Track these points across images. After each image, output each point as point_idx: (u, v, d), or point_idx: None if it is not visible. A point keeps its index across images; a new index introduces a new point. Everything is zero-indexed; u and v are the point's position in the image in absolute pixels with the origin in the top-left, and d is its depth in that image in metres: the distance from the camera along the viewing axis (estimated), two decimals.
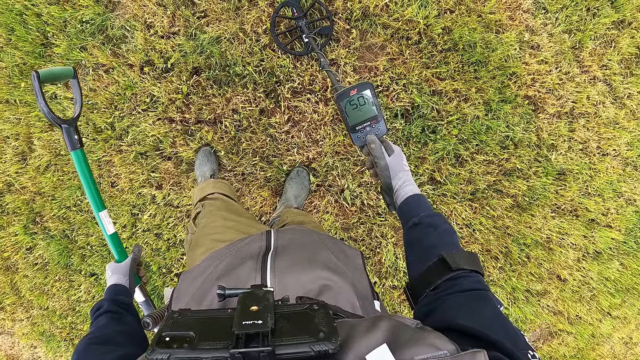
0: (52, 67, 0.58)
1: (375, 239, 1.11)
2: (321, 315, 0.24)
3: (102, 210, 0.57)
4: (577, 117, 1.14)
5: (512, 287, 1.19)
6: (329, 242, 0.47)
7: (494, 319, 0.29)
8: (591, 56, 1.12)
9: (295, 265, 0.38)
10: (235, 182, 1.09)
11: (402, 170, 0.46)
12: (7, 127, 1.24)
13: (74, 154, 0.56)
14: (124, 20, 1.08)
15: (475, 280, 0.33)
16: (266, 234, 0.45)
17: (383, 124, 0.47)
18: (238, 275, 0.38)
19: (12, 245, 1.31)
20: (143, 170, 1.10)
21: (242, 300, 0.25)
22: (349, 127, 0.48)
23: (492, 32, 1.06)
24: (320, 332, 0.22)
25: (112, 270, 0.55)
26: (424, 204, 0.43)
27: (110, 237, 0.58)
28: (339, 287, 0.37)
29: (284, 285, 0.36)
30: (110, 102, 1.10)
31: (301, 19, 0.93)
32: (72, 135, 0.56)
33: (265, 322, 0.23)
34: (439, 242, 0.38)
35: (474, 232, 1.13)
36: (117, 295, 0.50)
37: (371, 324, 0.25)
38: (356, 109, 0.47)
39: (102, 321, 0.45)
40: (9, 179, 1.26)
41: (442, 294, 0.33)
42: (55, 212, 1.21)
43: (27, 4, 1.19)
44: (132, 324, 0.47)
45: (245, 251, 0.42)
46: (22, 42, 1.20)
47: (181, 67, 1.04)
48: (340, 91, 0.47)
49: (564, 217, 1.18)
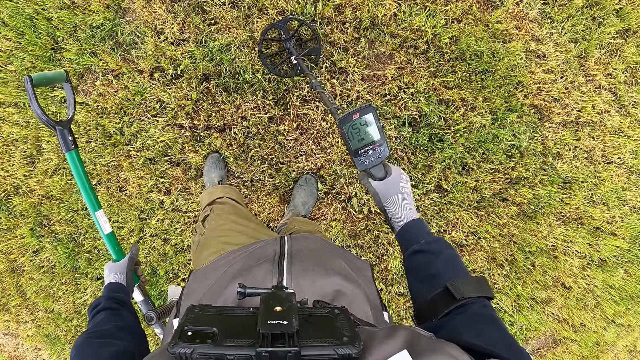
0: (45, 72, 0.59)
1: (382, 247, 1.11)
2: (342, 319, 0.25)
3: (98, 210, 0.58)
4: (583, 126, 1.15)
5: (517, 295, 1.19)
6: (341, 252, 0.47)
7: (500, 337, 0.29)
8: (596, 65, 1.13)
9: (310, 270, 0.38)
10: (243, 188, 1.09)
11: (398, 193, 0.46)
12: (16, 130, 1.25)
13: (69, 155, 0.57)
14: (134, 27, 1.09)
15: (482, 305, 0.34)
16: (280, 239, 0.46)
17: (385, 147, 0.47)
18: (254, 275, 0.38)
19: (18, 248, 1.32)
20: (152, 175, 1.10)
21: (266, 300, 0.25)
22: (352, 151, 0.47)
23: (498, 42, 1.07)
24: (343, 336, 0.23)
25: (109, 269, 0.55)
26: (423, 230, 0.43)
27: (107, 236, 0.58)
28: (353, 294, 0.37)
29: (300, 288, 0.36)
30: (119, 108, 1.11)
31: (289, 41, 0.94)
32: (66, 136, 0.56)
33: (290, 323, 0.23)
34: (442, 270, 0.38)
35: (479, 240, 1.13)
36: (115, 293, 0.50)
37: (389, 332, 0.26)
38: (358, 133, 0.46)
39: (100, 317, 0.45)
40: (16, 182, 1.27)
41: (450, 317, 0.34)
42: (62, 216, 1.22)
43: (38, 9, 1.20)
44: (130, 319, 0.47)
45: (260, 254, 0.42)
46: (32, 46, 1.21)
47: (191, 74, 1.04)
48: (342, 116, 0.47)
49: (569, 225, 1.18)
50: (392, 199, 0.45)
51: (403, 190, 0.46)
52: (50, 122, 0.55)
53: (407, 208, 0.45)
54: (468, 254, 1.14)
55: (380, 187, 0.46)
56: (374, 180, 0.47)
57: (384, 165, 0.48)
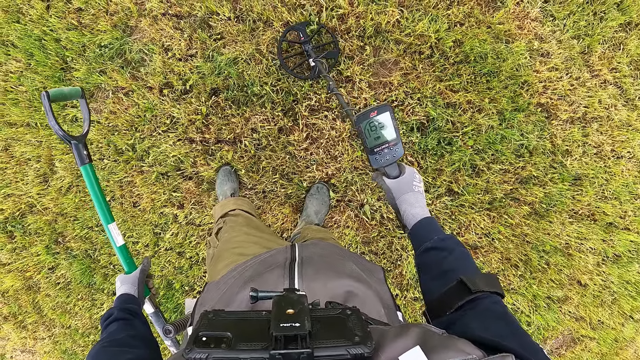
0: (61, 87, 0.61)
1: (396, 252, 1.11)
2: (354, 320, 0.25)
3: (111, 222, 0.59)
4: (590, 122, 1.14)
5: (533, 295, 1.18)
6: (352, 256, 0.48)
7: (513, 332, 0.29)
8: (600, 60, 1.13)
9: (321, 272, 0.39)
10: (256, 199, 1.10)
11: (411, 191, 0.46)
12: (29, 150, 1.27)
13: (83, 168, 0.58)
14: (142, 44, 1.11)
15: (494, 301, 0.34)
16: (290, 247, 0.46)
17: (401, 147, 0.48)
18: (266, 280, 0.38)
19: (34, 265, 1.34)
20: (165, 190, 1.12)
21: (278, 303, 0.26)
22: (368, 149, 0.48)
23: (502, 43, 1.07)
24: (355, 336, 0.23)
25: (121, 281, 0.56)
26: (435, 227, 0.43)
27: (119, 248, 0.59)
28: (365, 294, 0.37)
29: (312, 290, 0.36)
30: (130, 124, 1.12)
31: (308, 43, 0.95)
32: (81, 151, 0.58)
33: (302, 325, 0.23)
34: (455, 266, 0.38)
35: (493, 241, 1.13)
36: (127, 304, 0.51)
37: (401, 329, 0.26)
38: (375, 131, 0.47)
39: (113, 327, 0.45)
40: (31, 200, 1.29)
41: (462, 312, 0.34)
42: (77, 233, 1.24)
43: (46, 30, 1.23)
44: (143, 329, 0.48)
45: (271, 261, 0.43)
46: (42, 66, 1.24)
47: (200, 89, 1.06)
48: (360, 113, 0.48)
49: (582, 222, 1.17)
50: (405, 197, 0.46)
51: (416, 189, 0.46)
52: (66, 136, 0.57)
53: (419, 206, 0.45)
54: (482, 256, 1.13)
55: (393, 185, 0.47)
56: (387, 179, 0.48)
57: (398, 165, 0.49)
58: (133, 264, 0.60)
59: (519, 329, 0.30)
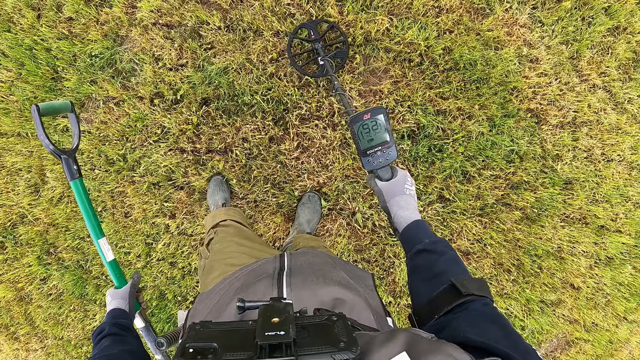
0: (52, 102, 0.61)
1: (388, 259, 1.11)
2: (340, 326, 0.25)
3: (101, 237, 0.59)
4: (580, 126, 1.16)
5: (527, 299, 1.19)
6: (341, 263, 0.48)
7: (505, 334, 0.29)
8: (589, 65, 1.15)
9: (310, 280, 0.39)
10: (247, 209, 1.10)
11: (402, 194, 0.46)
12: (20, 160, 1.26)
13: (73, 183, 0.58)
14: (133, 54, 1.11)
15: (484, 304, 0.34)
16: (279, 256, 0.46)
17: (394, 149, 0.48)
18: (255, 290, 0.39)
19: (25, 276, 1.32)
20: (156, 200, 1.11)
21: (263, 312, 0.26)
22: (360, 151, 0.48)
23: (491, 49, 1.08)
24: (340, 342, 0.23)
25: (111, 296, 0.56)
26: (426, 231, 0.43)
27: (110, 263, 0.59)
28: (353, 301, 0.37)
29: (300, 298, 0.37)
30: (121, 134, 1.12)
31: (317, 42, 0.95)
32: (71, 165, 0.58)
33: (287, 332, 0.23)
34: (446, 268, 0.38)
35: (485, 247, 1.13)
36: (118, 319, 0.51)
37: (389, 335, 0.26)
38: (368, 133, 0.47)
39: (105, 343, 0.45)
40: (22, 211, 1.28)
41: (452, 316, 0.33)
42: (69, 243, 1.23)
43: (37, 39, 1.22)
44: (135, 344, 0.48)
45: (260, 271, 0.43)
46: (33, 76, 1.23)
47: (190, 98, 1.06)
48: (353, 115, 0.48)
49: (574, 226, 1.18)
50: (396, 200, 0.45)
51: (407, 192, 0.46)
52: (56, 151, 0.57)
53: (410, 209, 0.45)
54: (474, 262, 1.14)
55: (385, 187, 0.47)
56: (379, 181, 0.48)
57: (391, 167, 0.49)
58: (123, 278, 0.60)
59: (511, 330, 0.30)
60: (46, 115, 0.59)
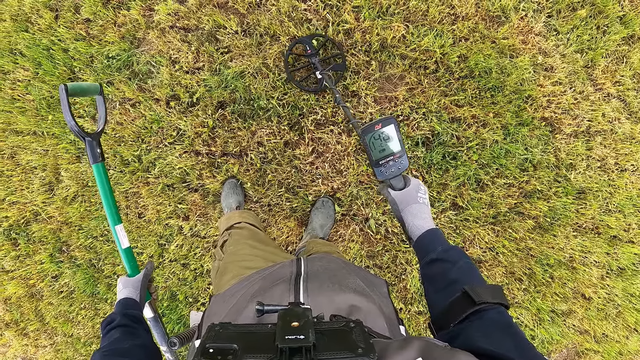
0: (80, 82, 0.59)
1: (400, 266, 1.11)
2: (358, 332, 0.25)
3: (119, 224, 0.58)
4: (594, 135, 1.15)
5: (537, 308, 1.18)
6: (356, 270, 0.48)
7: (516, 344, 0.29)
8: (604, 73, 1.14)
9: (326, 287, 0.39)
10: (261, 213, 1.10)
11: (415, 202, 0.46)
12: (35, 158, 1.27)
13: (95, 166, 0.58)
14: (150, 56, 1.12)
15: (498, 312, 0.34)
16: (296, 261, 0.47)
17: (405, 159, 0.48)
18: (272, 295, 0.39)
19: (37, 273, 1.34)
20: (170, 201, 1.12)
21: (283, 316, 0.26)
22: (373, 161, 0.49)
23: (506, 57, 1.08)
24: (358, 347, 0.23)
25: (123, 284, 0.55)
26: (440, 239, 0.43)
27: (125, 251, 0.59)
28: (368, 308, 0.38)
29: (317, 304, 0.37)
30: (137, 136, 1.13)
31: (314, 56, 0.96)
32: (94, 148, 0.58)
33: (307, 337, 0.23)
34: (459, 276, 0.38)
35: (497, 255, 1.13)
36: (129, 309, 0.50)
37: (403, 342, 0.26)
38: (380, 144, 0.48)
39: (115, 335, 0.44)
40: (35, 209, 1.30)
41: (466, 324, 0.34)
42: (82, 242, 1.24)
43: (54, 39, 1.24)
44: (146, 338, 0.47)
45: (277, 275, 0.43)
46: (49, 76, 1.25)
47: (206, 102, 1.07)
48: (364, 126, 0.49)
49: (586, 236, 1.17)
50: (409, 209, 0.46)
51: (420, 200, 0.46)
52: (81, 133, 0.56)
53: (424, 218, 0.45)
54: (486, 270, 1.13)
55: (398, 196, 0.47)
56: (393, 190, 0.48)
57: (404, 177, 0.49)
58: (137, 267, 0.60)
59: (524, 340, 0.30)
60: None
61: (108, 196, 0.58)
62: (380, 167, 0.48)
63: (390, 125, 0.48)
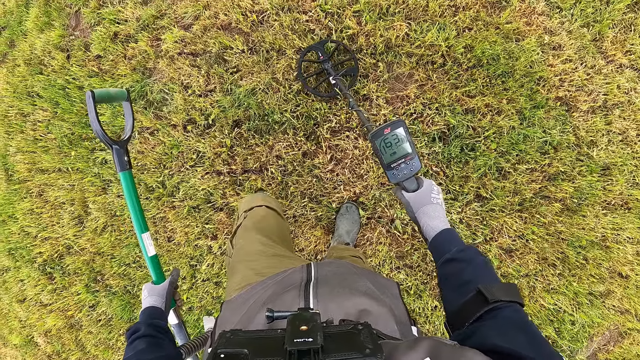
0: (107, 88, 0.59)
1: (431, 264, 1.11)
2: (366, 334, 0.26)
3: (145, 232, 0.59)
4: (612, 109, 1.12)
5: (575, 292, 1.15)
6: (366, 273, 0.48)
7: (531, 341, 0.29)
8: (613, 44, 1.12)
9: (336, 292, 0.40)
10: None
11: (429, 203, 0.46)
12: (62, 194, 1.33)
13: (122, 174, 0.57)
14: (162, 84, 1.16)
15: (514, 310, 0.34)
16: (306, 266, 0.47)
17: (417, 160, 0.48)
18: (283, 301, 0.40)
19: (75, 304, 1.38)
20: (197, 223, 1.15)
21: (292, 321, 0.27)
22: (384, 165, 0.49)
23: (512, 42, 1.07)
24: (366, 348, 0.24)
25: (149, 292, 0.55)
26: (455, 239, 0.43)
27: (151, 258, 0.59)
28: (378, 312, 0.38)
29: (326, 309, 0.37)
30: (158, 162, 1.16)
31: (327, 62, 0.97)
32: (122, 156, 0.57)
33: (315, 339, 0.24)
34: (474, 276, 0.38)
35: (527, 243, 1.11)
36: (154, 319, 0.50)
37: (412, 343, 0.27)
38: (390, 147, 0.48)
39: (140, 346, 0.44)
40: (67, 242, 1.34)
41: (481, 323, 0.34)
42: (115, 270, 1.28)
43: (68, 79, 1.29)
44: (171, 350, 0.47)
45: (288, 281, 0.44)
46: (68, 114, 1.30)
47: (222, 122, 1.09)
48: (373, 131, 0.49)
49: (616, 212, 1.15)
50: (424, 210, 0.46)
51: (434, 201, 0.46)
52: (109, 140, 0.56)
53: (438, 218, 0.45)
54: (518, 259, 1.12)
55: (412, 198, 0.47)
56: (406, 192, 0.49)
57: (416, 178, 0.50)
58: (162, 275, 0.60)
59: (538, 337, 0.30)
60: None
61: (135, 204, 0.58)
62: (392, 170, 0.49)
63: (400, 127, 0.48)
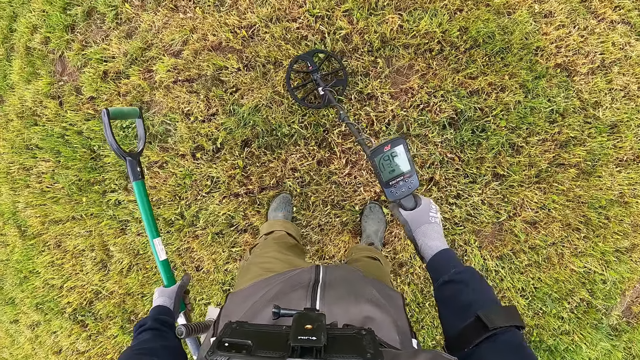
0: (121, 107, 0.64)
1: (460, 248, 1.12)
2: (368, 339, 0.27)
3: (157, 237, 0.63)
4: (610, 67, 1.13)
5: (601, 252, 1.17)
6: (374, 282, 0.49)
7: None
8: (601, 2, 1.12)
9: (342, 297, 0.40)
10: (313, 234, 1.11)
11: (427, 222, 0.46)
12: (80, 242, 1.31)
13: (136, 184, 0.62)
14: (162, 116, 1.14)
15: (512, 334, 0.34)
16: (315, 267, 0.47)
17: (415, 178, 0.48)
18: (290, 299, 0.40)
19: (112, 347, 1.38)
20: (223, 248, 1.14)
21: (298, 319, 0.28)
22: (383, 183, 0.49)
23: (504, 16, 1.07)
24: (367, 353, 0.25)
25: (159, 293, 0.58)
26: (453, 259, 0.43)
27: (162, 262, 0.63)
28: (381, 320, 0.39)
29: (331, 313, 0.38)
30: (173, 195, 1.15)
31: (316, 72, 0.96)
32: (135, 167, 0.63)
33: (319, 338, 0.25)
34: (473, 299, 0.38)
35: (549, 212, 1.12)
36: (161, 315, 0.52)
37: (413, 354, 0.27)
38: (389, 164, 0.48)
39: (146, 336, 0.47)
40: (94, 288, 1.34)
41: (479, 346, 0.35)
42: (148, 307, 1.27)
43: (65, 125, 1.27)
44: (174, 341, 0.49)
45: (296, 280, 0.44)
46: (71, 161, 1.28)
47: (231, 144, 1.08)
48: (373, 148, 0.49)
49: (630, 168, 1.16)
50: (422, 229, 0.46)
51: (432, 220, 0.47)
52: (123, 153, 0.61)
53: (436, 238, 0.45)
54: (543, 229, 1.13)
55: (410, 217, 0.47)
56: (404, 210, 0.48)
57: (414, 196, 0.49)
58: (173, 279, 0.63)
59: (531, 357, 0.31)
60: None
61: (147, 212, 0.63)
62: (391, 187, 0.48)
63: (400, 145, 0.47)
